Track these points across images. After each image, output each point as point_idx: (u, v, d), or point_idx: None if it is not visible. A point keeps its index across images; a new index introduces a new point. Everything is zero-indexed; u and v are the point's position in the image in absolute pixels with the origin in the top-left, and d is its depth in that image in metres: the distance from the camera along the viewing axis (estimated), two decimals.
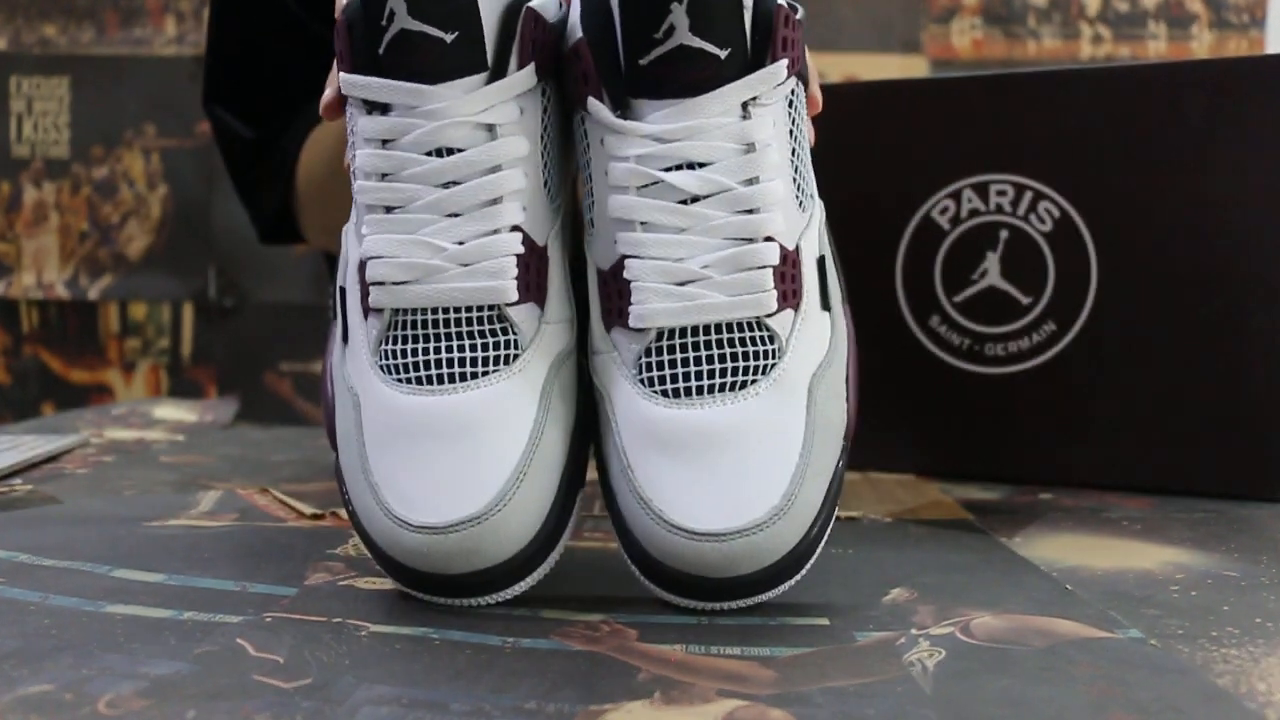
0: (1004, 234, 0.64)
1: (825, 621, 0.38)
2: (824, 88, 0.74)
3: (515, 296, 0.40)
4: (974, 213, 0.64)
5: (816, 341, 0.41)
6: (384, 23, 0.38)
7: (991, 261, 0.64)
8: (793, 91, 0.42)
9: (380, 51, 0.39)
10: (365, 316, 0.41)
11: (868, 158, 0.66)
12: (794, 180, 0.42)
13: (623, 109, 0.40)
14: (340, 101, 0.42)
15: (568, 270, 0.43)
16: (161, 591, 0.40)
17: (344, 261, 0.44)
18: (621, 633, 0.36)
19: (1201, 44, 1.48)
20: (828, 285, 0.43)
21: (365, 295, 0.40)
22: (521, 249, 0.40)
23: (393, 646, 0.34)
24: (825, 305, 0.42)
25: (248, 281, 1.54)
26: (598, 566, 0.44)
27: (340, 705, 0.29)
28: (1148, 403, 0.61)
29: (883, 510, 0.57)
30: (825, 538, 0.40)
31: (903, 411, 0.66)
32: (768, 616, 0.38)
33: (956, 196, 0.64)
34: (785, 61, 0.40)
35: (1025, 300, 0.63)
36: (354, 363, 0.41)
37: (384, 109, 0.39)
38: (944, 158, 0.64)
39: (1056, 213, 0.62)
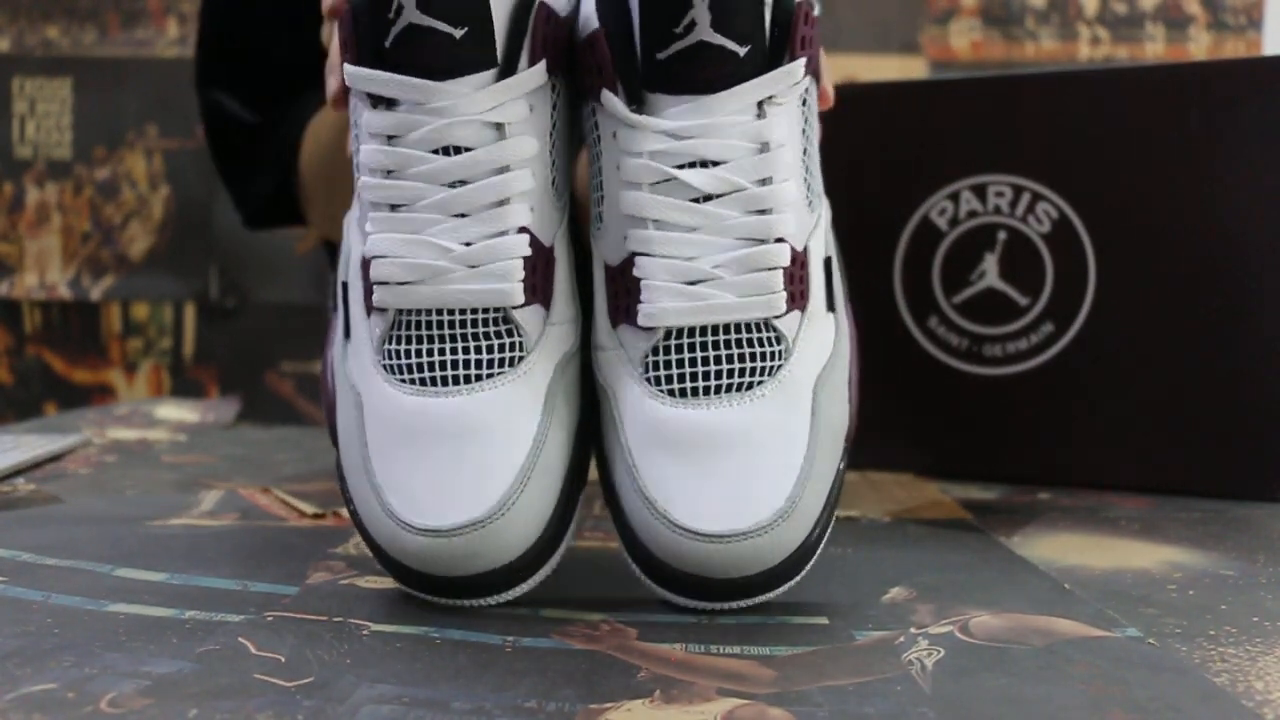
0: (1002, 235, 0.64)
1: (824, 621, 0.38)
2: None
3: (522, 299, 0.39)
4: (972, 214, 0.64)
5: (821, 343, 0.41)
6: (391, 15, 0.37)
7: (990, 262, 0.64)
8: (806, 89, 0.41)
9: (387, 44, 0.38)
10: (368, 314, 0.40)
11: (866, 159, 0.66)
12: (805, 180, 0.41)
13: (637, 103, 0.39)
14: (346, 92, 0.41)
15: (574, 268, 0.43)
16: (163, 591, 0.40)
17: (345, 254, 0.43)
18: (621, 632, 0.36)
19: (1199, 46, 1.48)
20: (833, 286, 0.43)
21: (369, 294, 0.40)
22: (529, 251, 0.39)
23: (394, 645, 0.34)
24: (830, 306, 0.42)
25: (249, 282, 1.54)
26: (598, 566, 0.44)
27: (341, 704, 0.30)
28: (1146, 403, 0.61)
29: (882, 510, 0.57)
30: (825, 539, 0.40)
31: (902, 412, 0.66)
32: (767, 616, 0.38)
33: (955, 197, 0.64)
34: (803, 60, 0.39)
35: (1023, 301, 0.63)
36: (356, 360, 0.41)
37: (390, 103, 0.38)
38: (942, 159, 0.65)
39: (1055, 214, 0.63)
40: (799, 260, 0.40)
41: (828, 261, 0.42)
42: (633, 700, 0.30)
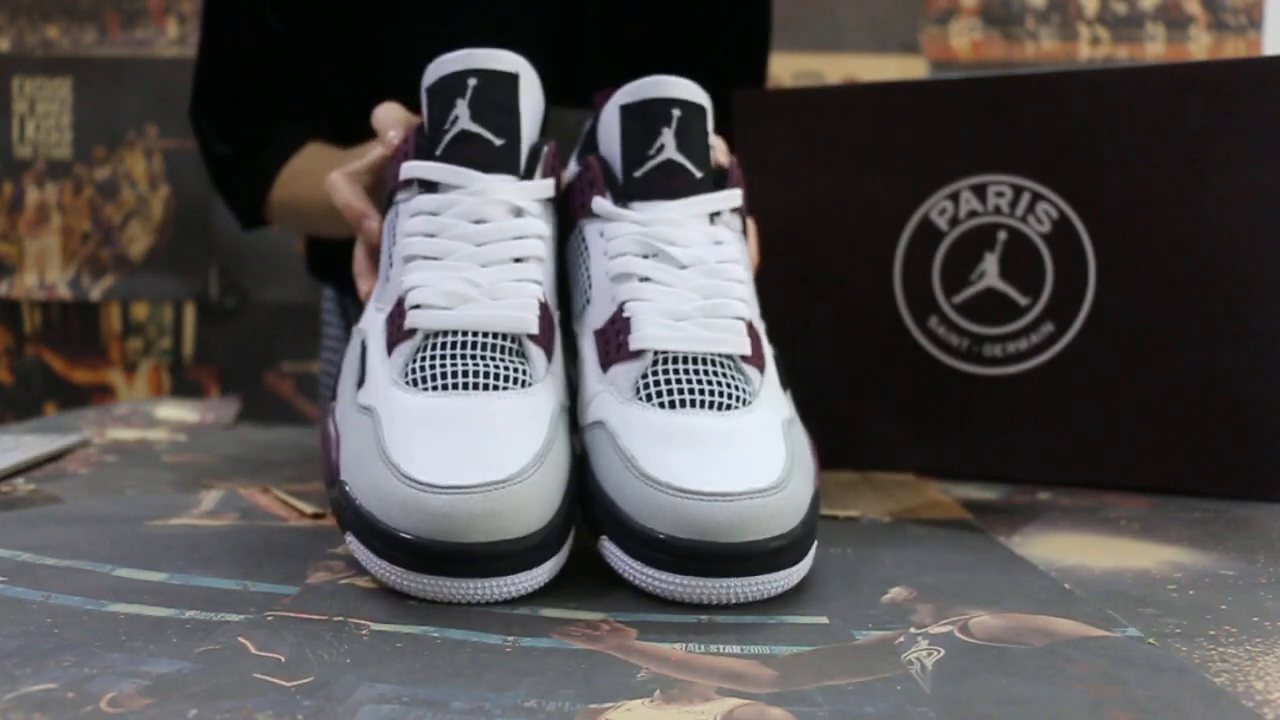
0: (1002, 235, 0.64)
1: (825, 620, 0.38)
2: (824, 90, 0.74)
3: (536, 330, 0.45)
4: (972, 214, 0.64)
5: (782, 402, 0.46)
6: (447, 126, 0.48)
7: (990, 262, 0.64)
8: (741, 226, 0.51)
9: (439, 151, 0.48)
10: (390, 351, 0.45)
11: (867, 158, 0.66)
12: (749, 287, 0.49)
13: (622, 207, 0.49)
14: (381, 229, 0.51)
15: (565, 359, 0.48)
16: (163, 590, 0.40)
17: (363, 328, 0.49)
18: (621, 632, 0.36)
19: (1199, 46, 1.48)
20: (782, 376, 0.48)
21: (400, 322, 0.45)
22: (542, 297, 0.46)
23: (394, 645, 0.34)
24: (784, 385, 0.48)
25: (249, 282, 1.54)
26: (597, 567, 0.44)
27: (341, 704, 0.30)
28: (1146, 403, 0.61)
29: (882, 510, 0.57)
30: (811, 551, 0.42)
31: (902, 412, 0.66)
32: (767, 615, 0.38)
33: (955, 197, 0.64)
34: (739, 190, 0.50)
35: (1023, 301, 0.64)
36: (370, 391, 0.44)
37: (434, 187, 0.48)
38: (942, 159, 0.65)
39: (1055, 214, 0.63)
40: (753, 329, 0.47)
41: (777, 359, 0.49)
42: (633, 700, 0.30)
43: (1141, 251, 0.61)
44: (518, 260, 0.47)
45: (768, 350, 0.48)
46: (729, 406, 0.43)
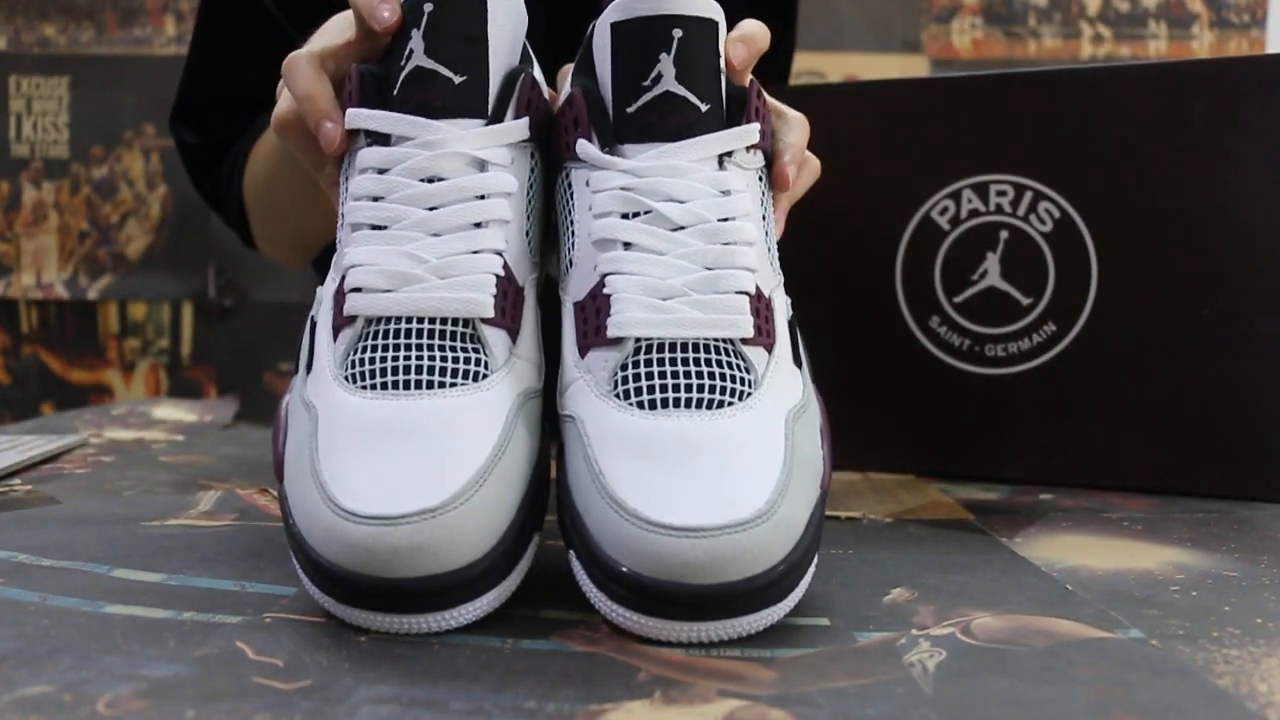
0: (1004, 234, 0.64)
1: (825, 622, 0.38)
2: (824, 88, 0.74)
3: (491, 313, 0.40)
4: (974, 213, 0.64)
5: (791, 388, 0.41)
6: (403, 62, 0.41)
7: (991, 262, 0.64)
8: (762, 174, 0.44)
9: (394, 91, 0.41)
10: (335, 336, 0.40)
11: (868, 158, 0.66)
12: (766, 246, 0.43)
13: (610, 151, 0.42)
14: (347, 136, 0.43)
15: (540, 325, 0.43)
16: (160, 592, 0.40)
17: (318, 297, 0.43)
18: (622, 632, 0.36)
19: (1202, 44, 1.48)
20: (799, 346, 0.43)
21: (340, 306, 0.40)
22: (501, 272, 0.41)
23: (392, 647, 0.34)
24: (797, 362, 0.42)
25: (247, 281, 1.54)
26: None
27: (340, 705, 0.29)
28: (1148, 403, 0.61)
29: (883, 510, 0.56)
30: (812, 569, 0.37)
31: (903, 412, 0.66)
32: None
33: (956, 197, 0.64)
34: (758, 125, 0.42)
35: (1025, 301, 0.63)
36: (315, 383, 0.40)
37: (385, 139, 0.41)
38: (944, 158, 0.64)
39: (1056, 213, 0.62)
40: (763, 299, 0.41)
41: (791, 322, 0.43)
42: (633, 701, 0.30)
43: (1144, 251, 0.61)
44: (477, 225, 0.40)
45: (780, 322, 0.42)
46: (721, 404, 0.38)
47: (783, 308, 0.43)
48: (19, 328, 1.55)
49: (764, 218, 0.44)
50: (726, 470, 0.36)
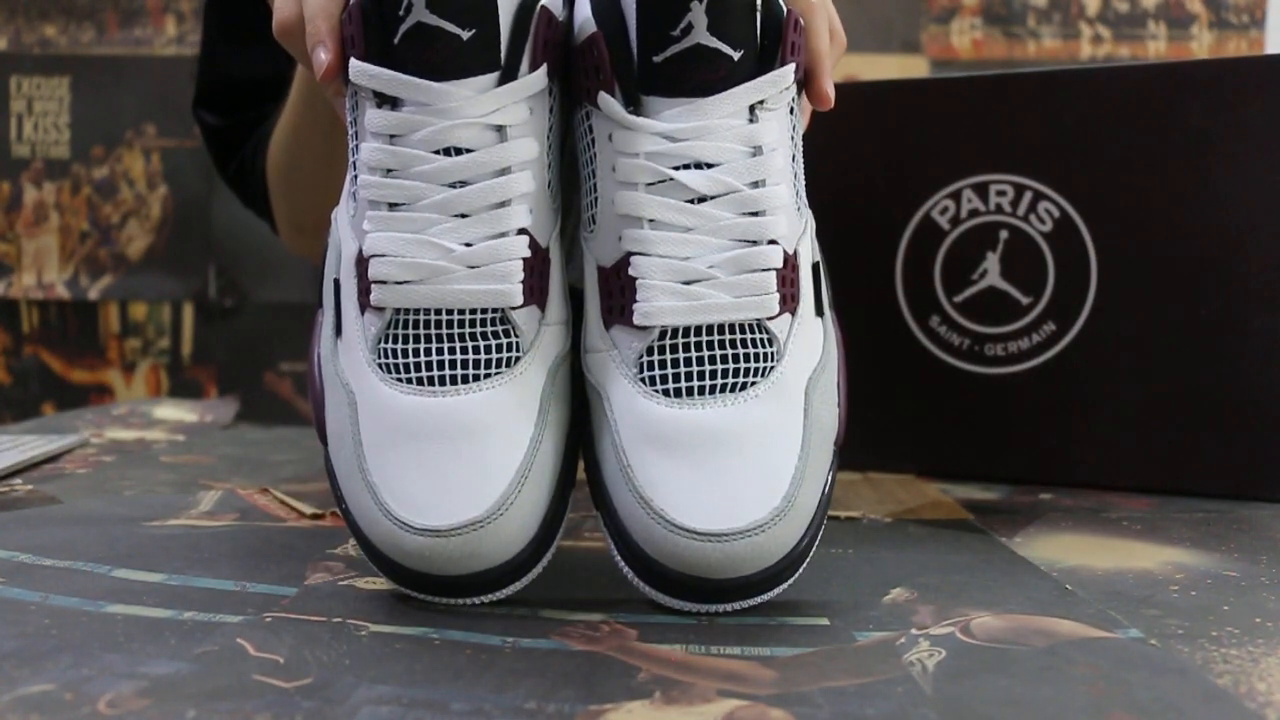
0: (1004, 234, 0.64)
1: (825, 621, 0.38)
2: None
3: (521, 300, 0.40)
4: (974, 213, 0.64)
5: (811, 346, 0.41)
6: (401, 13, 0.38)
7: (991, 261, 0.64)
8: (794, 97, 0.42)
9: (395, 42, 0.38)
10: (362, 312, 0.40)
11: (868, 158, 0.66)
12: (794, 185, 0.42)
13: (634, 105, 0.39)
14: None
15: (565, 272, 0.44)
16: (161, 591, 0.40)
17: (335, 250, 0.42)
18: (621, 633, 0.36)
19: (1201, 44, 1.48)
20: (821, 291, 0.43)
21: (366, 292, 0.40)
22: (528, 252, 0.40)
23: (393, 646, 0.34)
24: (819, 311, 0.43)
25: (248, 281, 1.54)
26: (598, 567, 0.44)
27: (340, 705, 0.29)
28: (1148, 403, 0.61)
29: (883, 510, 0.57)
30: (818, 541, 0.40)
31: (903, 411, 0.66)
32: (767, 616, 0.38)
33: (956, 196, 0.64)
34: (793, 65, 0.40)
35: (1025, 300, 0.63)
36: (348, 358, 0.41)
37: (394, 103, 0.39)
38: (944, 158, 0.64)
39: (1056, 213, 0.62)
40: (790, 263, 0.41)
41: (815, 266, 0.43)
42: (633, 701, 0.30)
43: (1144, 250, 0.61)
44: (501, 205, 0.39)
45: (804, 277, 0.41)
46: (744, 386, 0.39)
47: (808, 256, 0.42)
48: (20, 328, 1.55)
49: (792, 139, 0.42)
50: (747, 465, 0.38)
